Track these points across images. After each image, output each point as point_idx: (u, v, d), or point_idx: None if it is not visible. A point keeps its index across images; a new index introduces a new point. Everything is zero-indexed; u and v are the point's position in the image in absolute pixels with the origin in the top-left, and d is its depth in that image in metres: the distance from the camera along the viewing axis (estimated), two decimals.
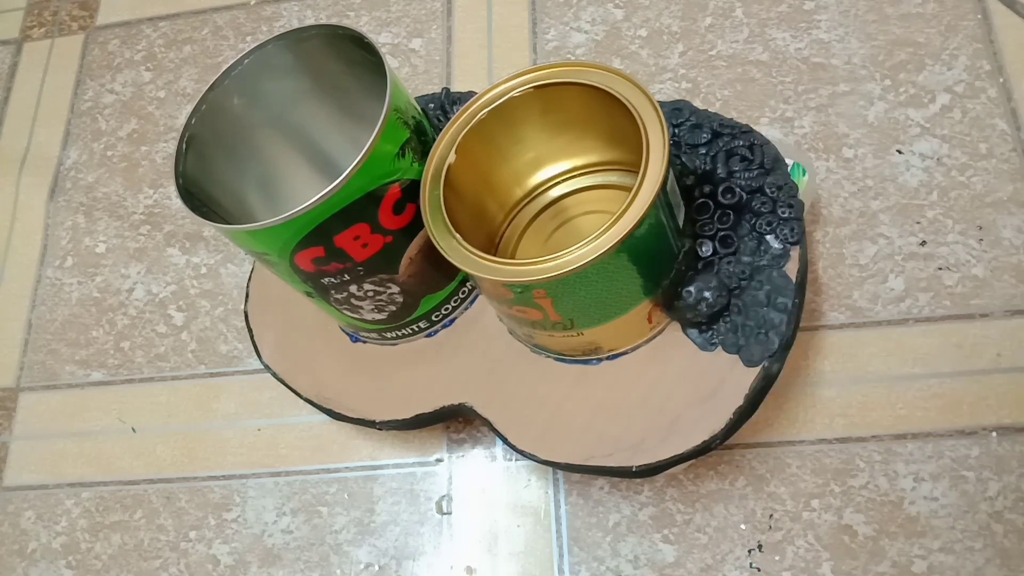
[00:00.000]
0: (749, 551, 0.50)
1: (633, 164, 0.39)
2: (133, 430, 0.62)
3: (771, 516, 0.51)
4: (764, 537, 0.50)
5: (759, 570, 0.50)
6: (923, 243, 0.55)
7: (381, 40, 0.71)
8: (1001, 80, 0.58)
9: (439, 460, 0.56)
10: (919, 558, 0.48)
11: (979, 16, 0.60)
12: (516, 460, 0.55)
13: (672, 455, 0.42)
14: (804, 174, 0.51)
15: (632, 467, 0.43)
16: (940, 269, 0.54)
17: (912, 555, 0.48)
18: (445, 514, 0.55)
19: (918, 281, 0.54)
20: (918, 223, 0.55)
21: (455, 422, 0.57)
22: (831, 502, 0.50)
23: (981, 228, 0.54)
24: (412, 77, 0.69)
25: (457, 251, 0.40)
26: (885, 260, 0.55)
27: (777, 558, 0.50)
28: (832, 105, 0.60)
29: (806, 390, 0.53)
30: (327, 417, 0.58)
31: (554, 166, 0.49)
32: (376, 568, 0.55)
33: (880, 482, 0.50)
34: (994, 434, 0.50)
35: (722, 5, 0.65)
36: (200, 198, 0.43)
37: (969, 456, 0.50)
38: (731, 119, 0.47)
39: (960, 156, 0.56)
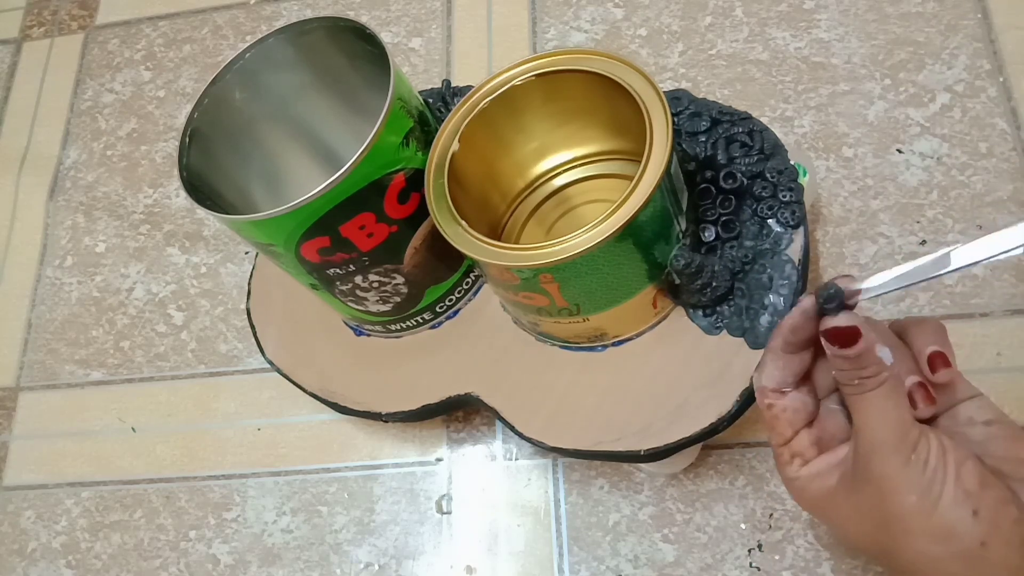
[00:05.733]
0: (749, 550, 0.50)
1: (635, 153, 0.39)
2: (133, 430, 0.62)
3: (771, 515, 0.51)
4: (764, 536, 0.50)
5: (759, 569, 0.50)
6: (923, 242, 0.55)
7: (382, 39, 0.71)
8: (1001, 79, 0.58)
9: (439, 459, 0.56)
10: None
11: (979, 16, 0.60)
12: (516, 460, 0.55)
13: (680, 438, 0.42)
14: (804, 174, 0.51)
15: (640, 451, 0.43)
16: None
17: None
18: (445, 513, 0.55)
19: None
20: (918, 222, 0.55)
21: (455, 420, 0.57)
22: None
23: (981, 227, 0.54)
24: (412, 76, 0.69)
25: (463, 238, 0.40)
26: (885, 259, 0.55)
27: (777, 557, 0.50)
28: (832, 104, 0.60)
29: None
30: (327, 416, 0.58)
31: (557, 155, 0.50)
32: (376, 568, 0.55)
33: None
34: None
35: (722, 4, 0.65)
36: (204, 192, 0.43)
37: None
38: (729, 107, 0.47)
39: (960, 155, 0.56)
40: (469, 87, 0.45)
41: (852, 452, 0.34)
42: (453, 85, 0.53)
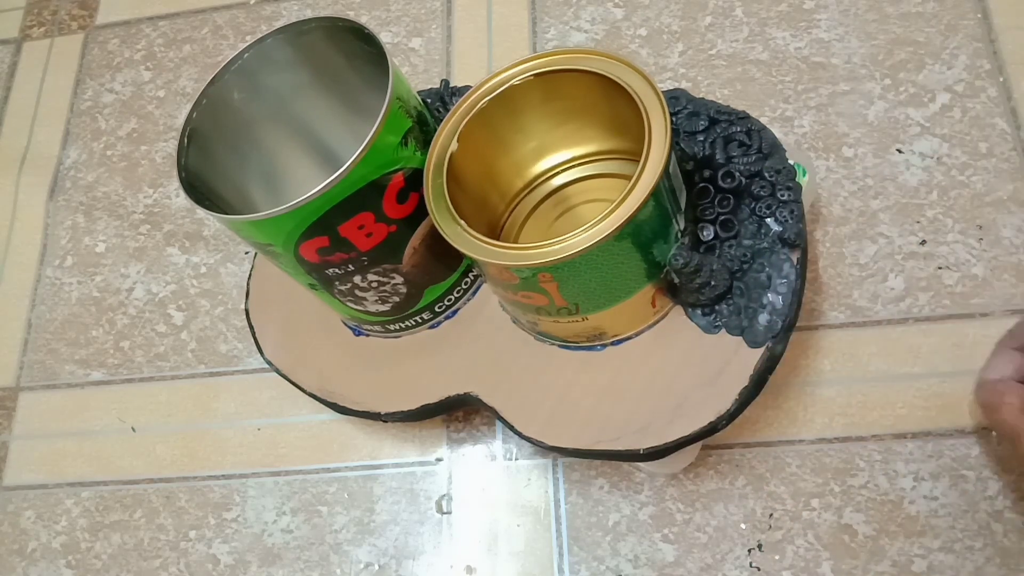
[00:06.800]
0: (749, 550, 0.50)
1: (634, 153, 0.39)
2: (133, 430, 0.62)
3: (771, 515, 0.51)
4: (764, 536, 0.50)
5: (759, 569, 0.50)
6: (923, 242, 0.55)
7: (381, 39, 0.71)
8: (1001, 79, 0.58)
9: (439, 459, 0.56)
10: (919, 557, 0.48)
11: (979, 15, 0.60)
12: (516, 459, 0.55)
13: (679, 436, 0.42)
14: (804, 174, 0.51)
15: (639, 450, 0.43)
16: (940, 268, 0.54)
17: (912, 554, 0.48)
18: (445, 513, 0.55)
19: (918, 280, 0.54)
20: (918, 222, 0.55)
21: (455, 420, 0.57)
22: (831, 501, 0.50)
23: (981, 227, 0.54)
24: (412, 76, 0.69)
25: (462, 237, 0.40)
26: (885, 259, 0.55)
27: (777, 557, 0.50)
28: (832, 104, 0.60)
29: (806, 389, 0.53)
30: (327, 416, 0.58)
31: (555, 155, 0.50)
32: (376, 568, 0.55)
33: (880, 481, 0.50)
34: (994, 433, 0.50)
35: (722, 4, 0.65)
36: (203, 192, 0.43)
37: (969, 455, 0.50)
38: (727, 106, 0.47)
39: (960, 155, 0.56)
40: (468, 87, 0.45)
41: None
42: (453, 85, 0.53)
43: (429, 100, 0.51)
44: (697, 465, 0.52)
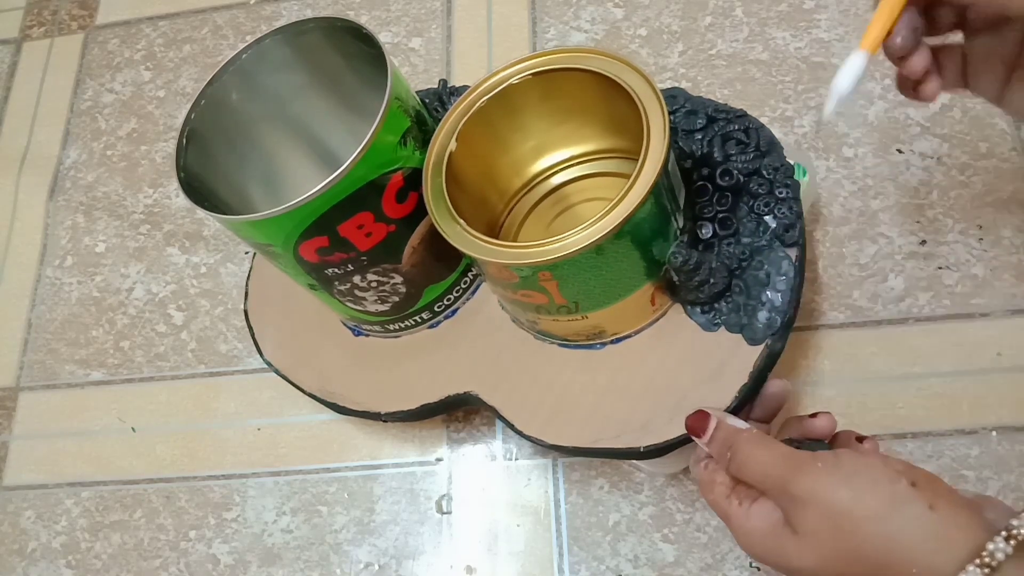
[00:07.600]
0: None
1: (632, 152, 0.39)
2: (133, 430, 0.62)
3: None
4: None
5: (759, 569, 0.50)
6: (923, 242, 0.55)
7: (381, 39, 0.71)
8: None
9: (439, 459, 0.56)
10: None
11: None
12: (516, 459, 0.55)
13: (679, 435, 0.42)
14: (804, 174, 0.51)
15: (640, 447, 0.43)
16: (940, 268, 0.54)
17: None
18: (445, 513, 0.55)
19: (918, 280, 0.54)
20: (918, 222, 0.55)
21: (455, 420, 0.57)
22: None
23: (981, 227, 0.54)
24: (412, 76, 0.69)
25: (462, 236, 0.40)
26: (885, 259, 0.55)
27: None
28: None
29: (806, 389, 0.53)
30: (327, 416, 0.58)
31: (554, 154, 0.50)
32: (376, 568, 0.55)
33: None
34: (994, 433, 0.50)
35: (722, 4, 0.65)
36: (202, 192, 0.43)
37: (969, 455, 0.50)
38: (725, 104, 0.47)
39: (960, 155, 0.56)
40: (466, 87, 0.45)
41: (775, 503, 0.36)
42: (452, 85, 0.53)
43: (427, 100, 0.51)
44: None
